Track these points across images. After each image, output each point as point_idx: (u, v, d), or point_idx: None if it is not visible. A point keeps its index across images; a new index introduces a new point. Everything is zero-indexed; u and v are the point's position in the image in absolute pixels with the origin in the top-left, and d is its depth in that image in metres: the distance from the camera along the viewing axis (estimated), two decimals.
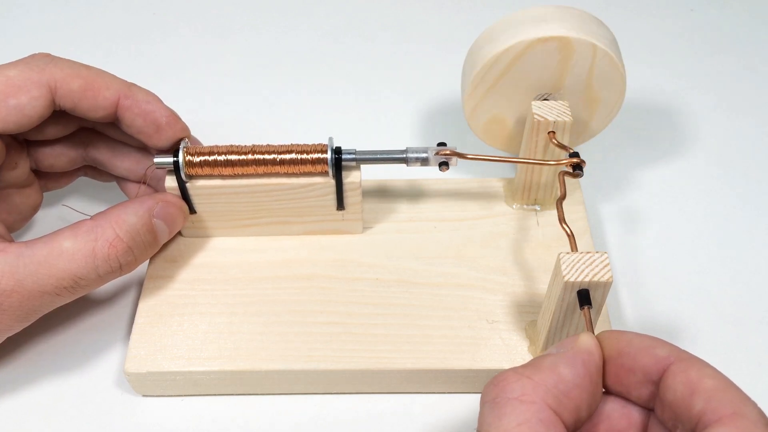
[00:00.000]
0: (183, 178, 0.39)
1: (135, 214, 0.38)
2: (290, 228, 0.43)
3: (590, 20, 0.41)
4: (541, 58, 0.40)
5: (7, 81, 0.36)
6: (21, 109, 0.36)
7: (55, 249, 0.35)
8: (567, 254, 0.33)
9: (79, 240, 0.36)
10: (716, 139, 0.53)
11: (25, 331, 0.41)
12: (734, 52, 0.60)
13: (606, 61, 0.40)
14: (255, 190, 0.41)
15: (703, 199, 0.49)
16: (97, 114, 0.38)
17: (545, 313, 0.36)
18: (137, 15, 0.63)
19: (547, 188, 0.44)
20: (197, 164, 0.39)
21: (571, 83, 0.41)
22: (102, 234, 0.36)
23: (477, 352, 0.38)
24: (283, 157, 0.39)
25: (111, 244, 0.36)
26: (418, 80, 0.58)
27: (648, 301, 0.43)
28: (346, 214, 0.42)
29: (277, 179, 0.40)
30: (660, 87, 0.57)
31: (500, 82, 0.41)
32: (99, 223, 0.36)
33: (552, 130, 0.40)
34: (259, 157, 0.39)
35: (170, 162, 0.39)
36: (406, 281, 0.41)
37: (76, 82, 0.37)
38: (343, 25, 0.62)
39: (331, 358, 0.38)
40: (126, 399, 0.40)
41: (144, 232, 0.38)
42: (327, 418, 0.39)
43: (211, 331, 0.39)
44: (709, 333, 0.42)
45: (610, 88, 0.41)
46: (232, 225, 0.43)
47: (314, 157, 0.39)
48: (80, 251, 0.35)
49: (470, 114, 0.43)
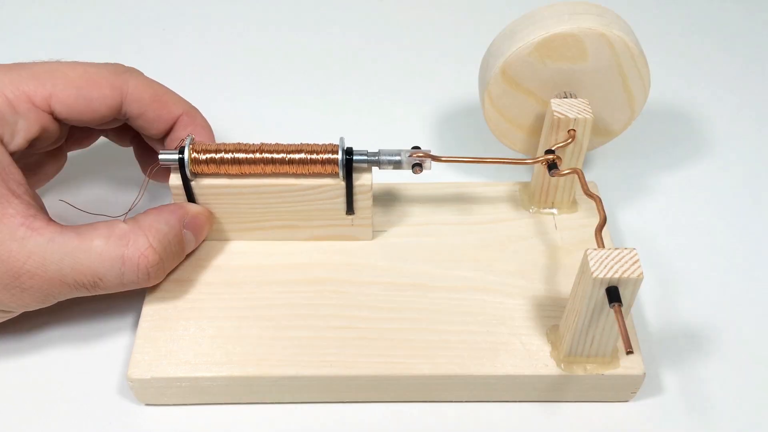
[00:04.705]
0: (188, 175, 0.38)
1: (167, 223, 0.38)
2: (297, 233, 0.42)
3: (614, 16, 0.40)
4: (562, 54, 0.39)
5: (84, 73, 0.38)
6: (90, 102, 0.38)
7: (85, 243, 0.35)
8: (594, 250, 0.32)
9: (111, 242, 0.35)
10: (736, 143, 0.52)
11: (24, 335, 0.40)
12: (755, 56, 0.59)
13: (631, 58, 0.39)
14: (262, 191, 0.39)
15: (722, 203, 0.48)
16: (159, 126, 0.40)
17: (570, 314, 0.35)
18: (147, 10, 0.63)
19: (564, 191, 0.43)
20: (203, 162, 0.38)
21: (592, 80, 0.41)
22: (135, 242, 0.36)
23: (497, 358, 0.37)
24: (292, 157, 0.38)
25: (142, 254, 0.36)
26: (436, 81, 0.57)
27: (669, 304, 0.42)
28: (356, 219, 0.41)
29: (286, 180, 0.39)
30: (679, 91, 0.56)
31: (520, 80, 0.40)
32: (133, 230, 0.36)
33: (572, 128, 0.39)
34: (267, 156, 0.38)
35: (175, 159, 0.38)
36: (421, 285, 0.40)
37: (148, 91, 0.39)
38: (357, 25, 0.62)
39: (344, 364, 0.37)
40: (128, 408, 0.38)
41: (174, 242, 0.38)
42: (339, 428, 0.37)
43: (219, 336, 0.38)
44: (732, 334, 0.41)
45: (634, 86, 0.41)
46: (237, 228, 0.41)
47: (324, 157, 0.38)
48: (109, 254, 0.35)
49: (489, 114, 0.42)
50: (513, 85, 0.41)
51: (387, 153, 0.39)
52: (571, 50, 0.39)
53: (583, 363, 0.36)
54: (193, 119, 0.41)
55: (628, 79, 0.41)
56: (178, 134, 0.41)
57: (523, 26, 0.40)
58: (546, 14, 0.39)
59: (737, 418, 0.37)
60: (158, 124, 0.40)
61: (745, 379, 0.39)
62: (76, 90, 0.37)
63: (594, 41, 0.39)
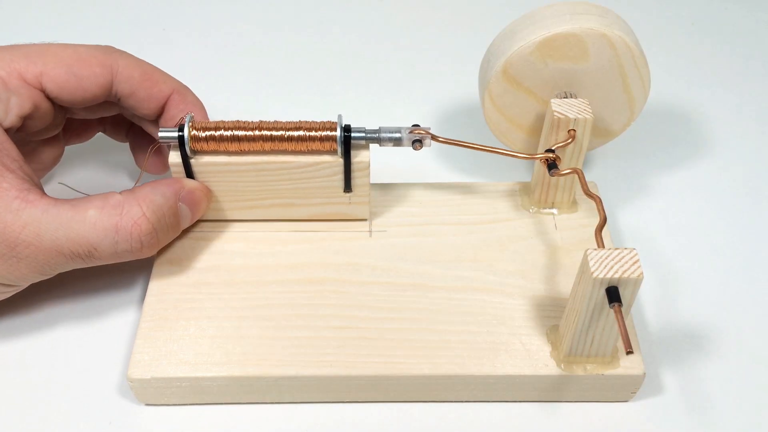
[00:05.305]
0: (188, 152, 0.38)
1: (163, 195, 0.38)
2: (295, 211, 0.42)
3: (614, 17, 0.40)
4: (564, 54, 0.39)
5: (75, 53, 0.38)
6: (80, 80, 0.38)
7: (79, 214, 0.35)
8: (594, 250, 0.32)
9: (105, 212, 0.36)
10: (736, 143, 0.52)
11: (22, 335, 0.40)
12: (755, 56, 0.59)
13: (632, 59, 0.39)
14: (261, 168, 0.40)
15: (722, 203, 0.48)
16: (150, 105, 0.40)
17: (570, 314, 0.35)
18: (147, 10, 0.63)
19: (564, 191, 0.43)
20: (203, 139, 0.38)
21: (592, 80, 0.41)
22: (128, 211, 0.36)
23: (497, 358, 0.37)
24: (290, 134, 0.38)
25: (135, 222, 0.36)
26: (436, 81, 0.57)
27: (669, 304, 0.42)
28: (354, 197, 0.41)
29: (284, 157, 0.39)
30: (679, 91, 0.56)
31: (521, 79, 0.40)
32: (127, 200, 0.37)
33: (572, 128, 0.39)
34: (266, 134, 0.38)
35: (175, 136, 0.38)
36: (421, 285, 0.40)
37: (138, 70, 0.40)
38: (357, 25, 0.62)
39: (344, 364, 0.37)
40: (128, 408, 0.38)
41: (169, 214, 0.38)
42: (339, 428, 0.37)
43: (219, 336, 0.38)
44: (732, 334, 0.41)
45: (635, 87, 0.41)
46: (235, 206, 0.42)
47: (323, 134, 0.38)
48: (103, 222, 0.36)
49: (489, 113, 0.42)
50: (514, 84, 0.41)
51: (387, 130, 0.39)
52: (573, 50, 0.39)
53: (583, 363, 0.36)
54: (184, 97, 0.41)
55: (629, 80, 0.41)
56: (171, 113, 0.41)
57: (524, 26, 0.40)
58: (547, 14, 0.39)
59: (737, 418, 0.37)
60: (149, 102, 0.40)
61: (745, 379, 0.39)
62: (67, 68, 0.38)
63: (596, 41, 0.39)
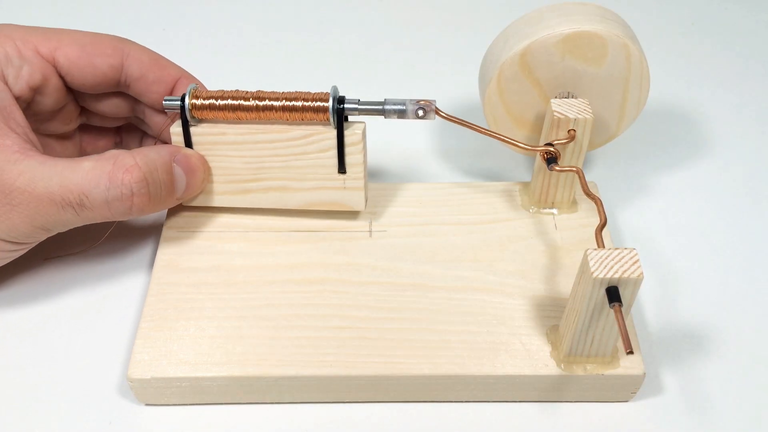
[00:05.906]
0: (188, 119, 0.40)
1: (157, 152, 0.39)
2: (290, 197, 0.42)
3: (633, 32, 0.40)
4: (583, 53, 0.39)
5: (88, 35, 0.41)
6: (92, 57, 0.40)
7: (74, 164, 0.37)
8: (594, 250, 0.32)
9: (99, 162, 0.37)
10: (736, 143, 0.52)
11: (22, 335, 0.40)
12: (755, 56, 0.59)
13: (639, 76, 0.39)
14: (256, 140, 0.40)
15: (722, 203, 0.48)
16: (158, 89, 0.42)
17: (569, 314, 0.35)
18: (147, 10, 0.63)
19: (564, 191, 0.43)
20: (204, 107, 0.40)
21: (596, 87, 0.41)
22: (121, 160, 0.37)
23: (497, 358, 0.37)
24: (286, 104, 0.39)
25: (127, 169, 0.37)
26: (436, 81, 0.57)
27: (669, 304, 0.42)
28: (348, 179, 0.41)
29: (279, 126, 0.40)
30: (679, 91, 0.56)
31: (533, 67, 0.40)
32: (122, 152, 0.38)
33: (572, 128, 0.39)
34: (261, 103, 0.40)
35: (178, 103, 0.40)
36: (421, 285, 0.40)
37: (147, 54, 0.42)
38: (357, 25, 0.62)
39: (344, 364, 0.37)
40: (128, 408, 0.38)
41: (162, 171, 0.39)
42: (339, 428, 0.37)
43: (219, 336, 0.38)
44: (732, 334, 0.41)
45: (630, 103, 0.41)
46: (230, 190, 0.42)
47: (317, 105, 0.39)
48: (95, 171, 0.37)
49: (490, 100, 0.42)
50: (525, 70, 0.41)
51: (392, 102, 0.40)
52: (594, 51, 0.39)
53: (583, 363, 0.36)
54: (191, 83, 0.43)
55: (628, 95, 0.41)
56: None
57: (552, 15, 0.40)
58: (578, 10, 0.39)
59: (737, 418, 0.37)
60: (158, 86, 0.42)
61: (745, 379, 0.39)
62: (80, 47, 0.40)
63: (616, 49, 0.39)
